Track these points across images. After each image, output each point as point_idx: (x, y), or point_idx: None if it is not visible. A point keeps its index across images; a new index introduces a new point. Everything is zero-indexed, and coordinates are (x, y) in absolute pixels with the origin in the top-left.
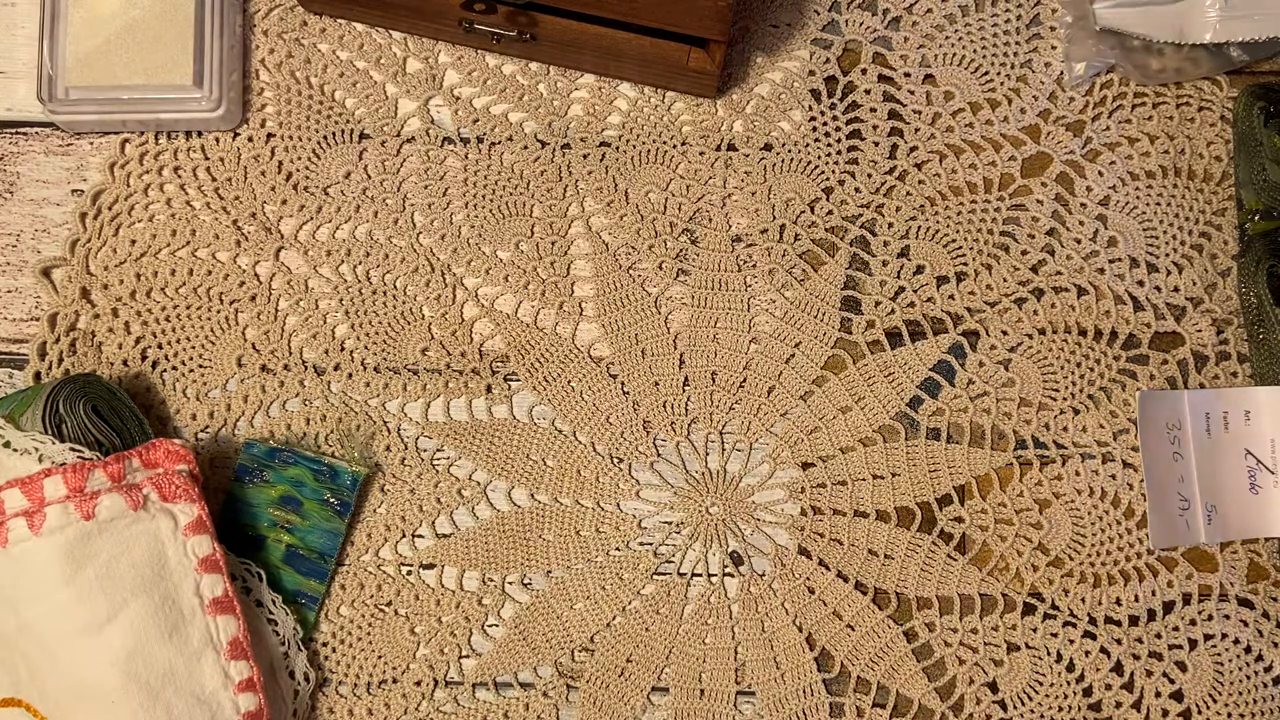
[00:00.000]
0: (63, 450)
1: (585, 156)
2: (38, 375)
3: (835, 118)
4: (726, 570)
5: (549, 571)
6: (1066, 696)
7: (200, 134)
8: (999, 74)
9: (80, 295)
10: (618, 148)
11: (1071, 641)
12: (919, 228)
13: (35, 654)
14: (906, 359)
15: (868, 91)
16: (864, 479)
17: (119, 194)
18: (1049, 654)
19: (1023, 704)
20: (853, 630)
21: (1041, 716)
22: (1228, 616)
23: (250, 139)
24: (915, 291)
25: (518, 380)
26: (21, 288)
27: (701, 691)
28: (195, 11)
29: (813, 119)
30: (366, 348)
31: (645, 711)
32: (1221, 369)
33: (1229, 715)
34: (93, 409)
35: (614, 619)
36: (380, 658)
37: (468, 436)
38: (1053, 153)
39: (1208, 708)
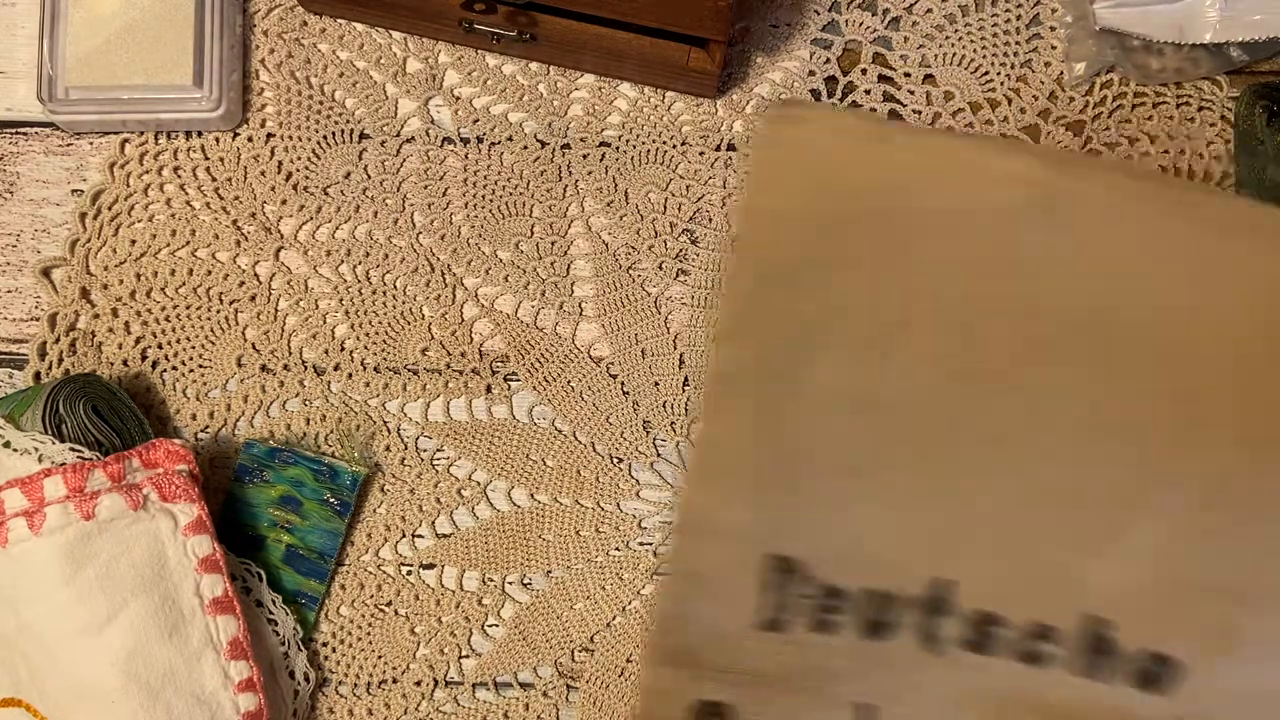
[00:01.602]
0: (63, 450)
1: (585, 156)
2: (38, 375)
3: None
4: None
5: (549, 571)
6: None
7: (200, 134)
8: (999, 74)
9: (80, 295)
10: (618, 148)
11: None
12: None
13: (35, 654)
14: None
15: (868, 91)
16: None
17: (119, 194)
18: None
19: None
20: None
21: None
22: None
23: (250, 139)
24: None
25: (518, 380)
26: (21, 288)
27: None
28: (195, 11)
29: None
30: (366, 348)
31: None
32: None
33: None
34: (93, 409)
35: (614, 619)
36: (380, 658)
37: (468, 436)
38: None
39: None
